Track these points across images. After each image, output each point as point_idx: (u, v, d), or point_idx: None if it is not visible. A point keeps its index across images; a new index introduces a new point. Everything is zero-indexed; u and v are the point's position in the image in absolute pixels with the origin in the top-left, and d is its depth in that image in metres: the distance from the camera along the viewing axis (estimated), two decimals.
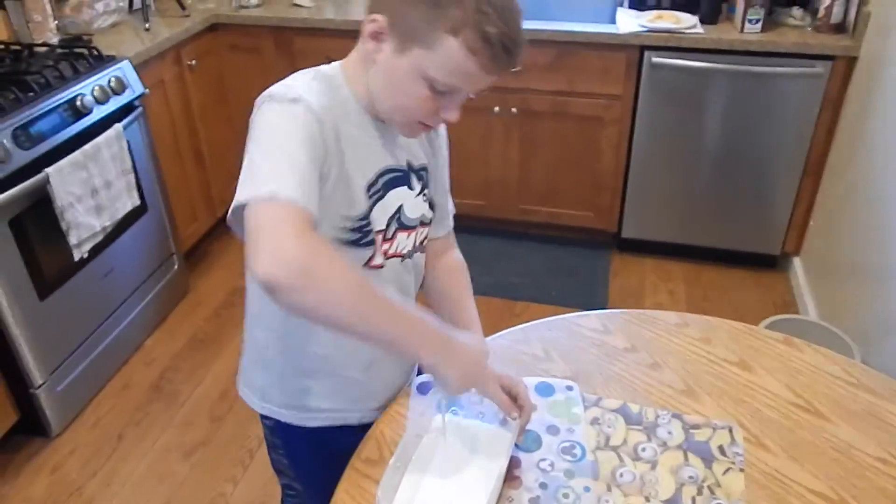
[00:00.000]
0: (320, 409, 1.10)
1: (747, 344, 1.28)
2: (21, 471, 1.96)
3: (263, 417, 1.17)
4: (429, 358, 0.90)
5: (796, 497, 0.99)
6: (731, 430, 1.10)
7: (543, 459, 1.04)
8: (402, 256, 1.07)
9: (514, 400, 1.03)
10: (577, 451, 1.05)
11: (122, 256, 2.20)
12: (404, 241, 1.06)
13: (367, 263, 1.00)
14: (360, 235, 0.97)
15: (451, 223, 1.21)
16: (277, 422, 1.13)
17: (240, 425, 2.08)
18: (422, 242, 1.11)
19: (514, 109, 2.52)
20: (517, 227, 2.83)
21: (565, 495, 0.99)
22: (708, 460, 1.05)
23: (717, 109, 2.42)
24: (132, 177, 2.10)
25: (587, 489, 0.99)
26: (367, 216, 0.97)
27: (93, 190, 1.94)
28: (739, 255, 2.69)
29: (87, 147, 1.90)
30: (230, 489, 1.90)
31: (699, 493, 1.00)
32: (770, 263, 2.69)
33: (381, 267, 1.03)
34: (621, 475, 1.03)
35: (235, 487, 1.90)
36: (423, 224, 1.09)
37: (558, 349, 1.27)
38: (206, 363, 2.30)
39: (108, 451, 2.02)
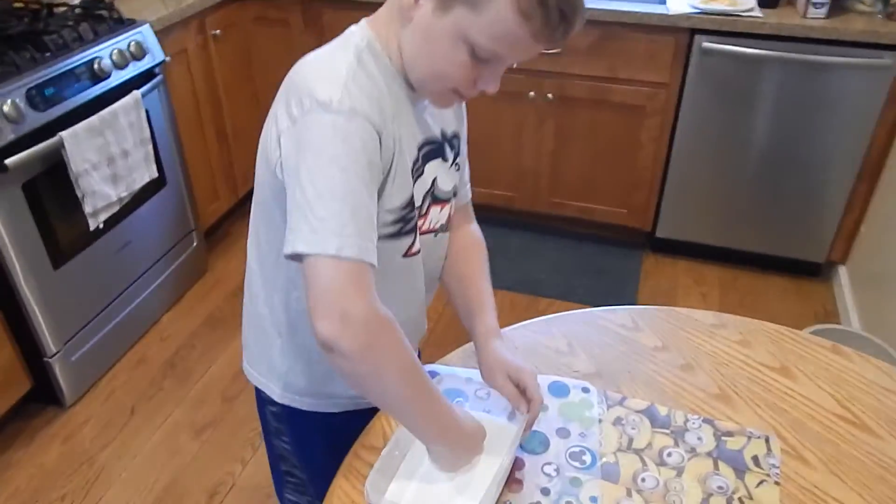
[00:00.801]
0: (343, 395, 1.04)
1: (790, 349, 1.18)
2: (34, 438, 1.95)
3: (269, 403, 1.11)
4: (438, 445, 0.91)
5: None
6: (767, 440, 1.01)
7: (549, 464, 0.96)
8: (435, 231, 1.00)
9: (523, 393, 0.96)
10: (587, 457, 0.97)
11: (140, 230, 2.17)
12: (437, 216, 0.99)
13: (406, 253, 0.94)
14: (403, 224, 0.91)
15: (469, 193, 1.13)
16: (286, 407, 1.07)
17: (252, 407, 2.01)
18: (451, 215, 1.04)
19: (549, 95, 2.42)
20: (546, 221, 2.75)
21: (568, 503, 0.91)
22: (740, 470, 0.96)
23: (769, 103, 2.28)
24: (150, 147, 2.07)
25: (594, 500, 0.91)
26: (411, 200, 0.90)
27: (109, 158, 1.91)
28: (780, 261, 2.56)
29: (104, 112, 1.87)
30: (238, 469, 1.86)
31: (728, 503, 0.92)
32: (812, 272, 2.57)
33: (418, 252, 0.96)
34: (643, 480, 0.95)
35: (244, 468, 1.86)
36: (454, 195, 1.03)
37: (583, 344, 1.19)
38: (222, 343, 2.27)
39: (121, 423, 1.99)
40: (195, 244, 2.46)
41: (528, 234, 2.76)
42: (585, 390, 1.09)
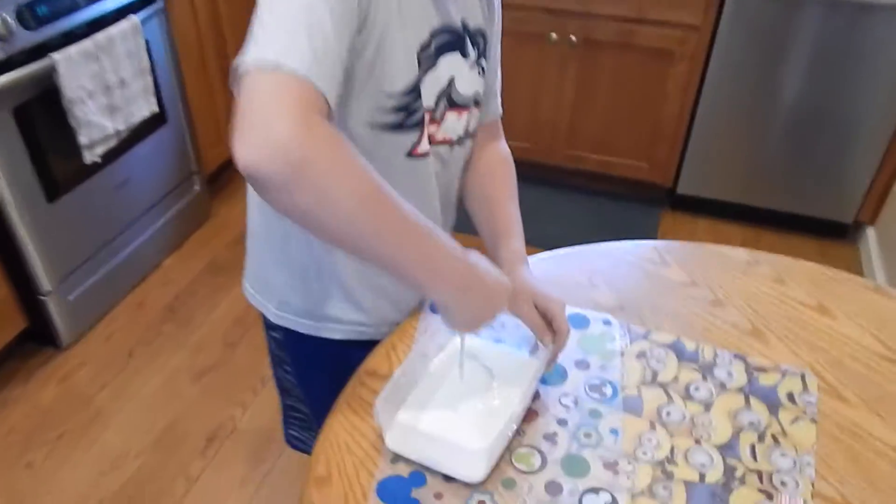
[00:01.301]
0: (343, 319, 0.97)
1: (829, 289, 1.10)
2: (31, 378, 1.90)
3: (271, 329, 1.04)
4: (439, 294, 0.74)
5: (876, 453, 0.83)
6: (803, 377, 0.93)
7: (566, 395, 0.89)
8: (451, 143, 0.91)
9: (549, 324, 0.88)
10: (608, 390, 0.90)
11: (139, 168, 2.09)
12: (454, 124, 0.89)
13: (411, 152, 0.84)
14: (405, 115, 0.80)
15: (500, 109, 1.04)
16: (287, 333, 1.00)
17: (253, 352, 1.98)
18: (473, 127, 0.95)
19: (573, 37, 2.30)
20: (562, 177, 2.65)
21: (587, 435, 0.84)
22: (774, 406, 0.89)
23: (806, 50, 2.15)
24: (150, 79, 1.98)
25: (614, 432, 0.84)
26: (415, 88, 0.79)
27: (105, 87, 1.82)
28: (805, 220, 2.46)
29: (99, 36, 1.77)
30: (239, 413, 1.80)
31: (760, 440, 0.84)
32: (839, 233, 2.46)
33: (425, 156, 0.87)
34: (668, 414, 0.87)
35: (245, 412, 1.81)
36: (476, 104, 0.93)
37: (606, 278, 1.10)
38: (223, 289, 2.20)
39: (119, 366, 1.94)
40: (197, 188, 2.38)
41: (543, 189, 2.66)
42: (607, 323, 1.01)
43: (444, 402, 0.84)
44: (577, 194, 2.65)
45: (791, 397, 0.90)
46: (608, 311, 1.03)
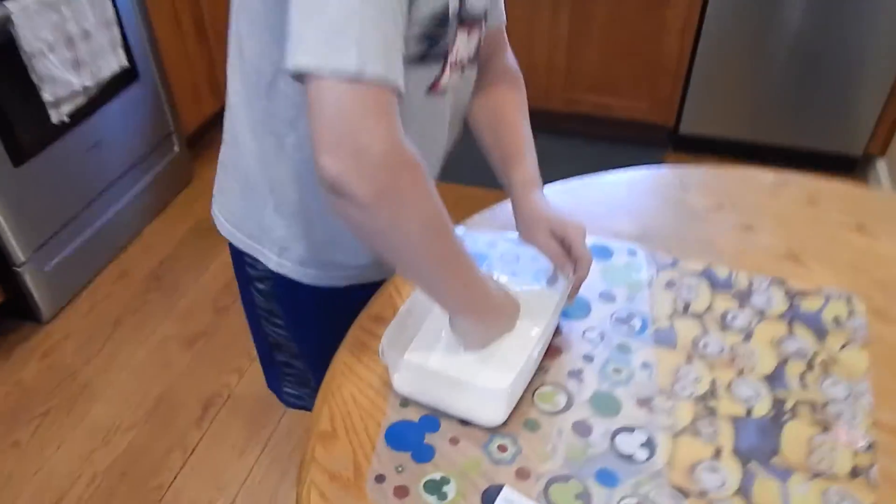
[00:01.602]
0: (348, 264, 0.88)
1: (866, 207, 1.01)
2: (11, 354, 1.80)
3: (256, 280, 0.94)
4: (463, 320, 0.76)
5: None
6: (849, 300, 0.85)
7: (591, 329, 0.80)
8: (463, 66, 0.80)
9: (568, 252, 0.78)
10: (637, 322, 0.81)
11: (112, 128, 1.97)
12: (465, 44, 0.78)
13: (432, 87, 0.74)
14: (430, 45, 0.70)
15: (503, 15, 0.92)
16: (278, 283, 0.90)
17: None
18: (481, 46, 0.84)
19: None
20: (560, 121, 2.53)
21: (616, 371, 0.75)
22: (820, 332, 0.80)
23: None
24: (117, 31, 1.84)
25: (647, 366, 0.76)
26: (445, 11, 0.68)
27: (68, 39, 1.69)
28: (813, 155, 2.37)
29: None
30: (234, 380, 1.72)
31: (809, 368, 0.76)
32: (848, 167, 2.37)
33: (444, 93, 0.77)
34: (705, 346, 0.79)
35: (240, 379, 1.72)
36: (485, 17, 0.81)
37: (624, 206, 1.01)
38: (210, 253, 2.09)
39: (104, 338, 1.84)
40: (176, 149, 2.26)
41: (539, 136, 2.52)
42: (632, 252, 0.92)
43: (454, 340, 0.76)
44: (575, 140, 2.54)
45: (838, 322, 0.82)
46: (631, 240, 0.94)
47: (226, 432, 1.60)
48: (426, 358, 0.74)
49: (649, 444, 0.68)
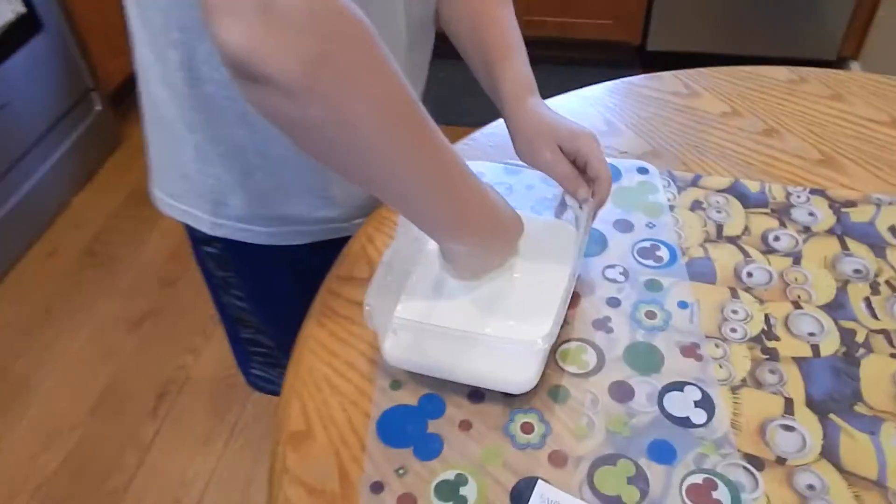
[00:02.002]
0: (306, 217, 0.71)
1: None
2: None
3: (202, 243, 0.77)
4: (458, 244, 0.57)
5: None
6: None
7: (611, 266, 0.66)
8: None
9: (583, 171, 0.63)
10: (663, 252, 0.67)
11: (17, 87, 1.72)
12: None
13: None
14: None
15: None
16: (229, 245, 0.74)
17: (198, 288, 1.67)
18: None
19: None
20: None
21: (650, 315, 0.61)
22: (878, 246, 0.67)
23: None
24: None
25: (684, 305, 0.61)
26: None
27: None
28: (786, 62, 2.24)
29: None
30: (191, 361, 1.54)
31: (874, 291, 0.63)
32: None
33: None
34: (749, 275, 0.65)
35: (198, 358, 1.55)
36: None
37: (625, 119, 0.86)
38: (151, 221, 1.88)
39: (35, 327, 1.64)
40: (98, 108, 2.01)
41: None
42: (643, 171, 0.77)
43: (456, 288, 0.60)
44: (541, 66, 2.35)
45: (895, 231, 0.69)
46: (640, 158, 0.79)
47: (186, 421, 1.43)
48: (425, 312, 0.58)
49: (705, 403, 0.55)
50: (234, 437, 1.39)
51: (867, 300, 0.62)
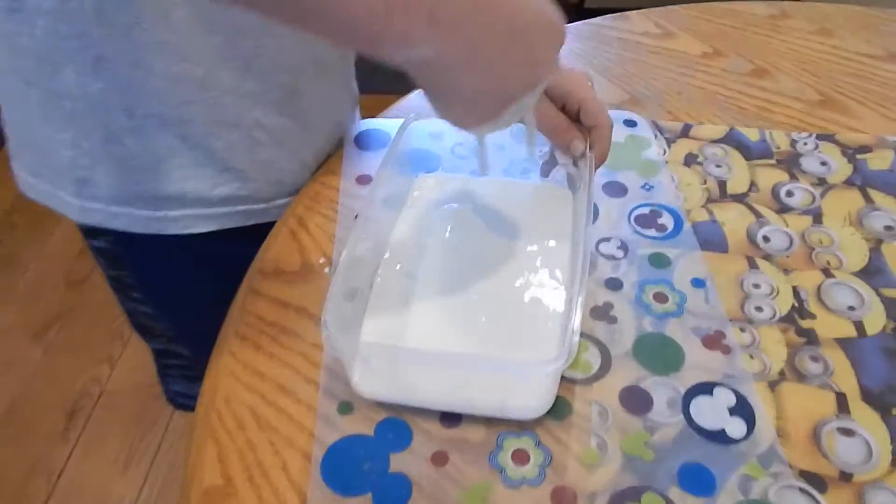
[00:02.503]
0: (198, 197, 0.55)
1: (889, 32, 0.79)
2: None
3: (88, 236, 0.62)
4: (422, 44, 0.32)
5: None
6: None
7: (605, 240, 0.53)
8: None
9: (575, 120, 0.50)
10: (666, 220, 0.55)
11: None
12: None
13: None
14: None
15: None
16: (118, 238, 0.58)
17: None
18: None
19: None
20: None
21: (659, 297, 0.49)
22: None
23: None
24: None
25: (700, 284, 0.50)
26: None
27: None
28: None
29: None
30: (106, 371, 1.36)
31: None
32: None
33: None
34: (766, 239, 0.54)
35: (114, 369, 1.37)
36: None
37: (595, 64, 0.74)
38: (54, 214, 1.65)
39: None
40: None
41: None
42: (630, 123, 0.64)
43: (438, 289, 0.46)
44: None
45: None
46: (618, 107, 0.67)
47: (103, 442, 1.25)
48: (400, 330, 0.44)
49: (742, 409, 0.43)
50: (160, 456, 1.22)
51: None
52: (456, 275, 0.47)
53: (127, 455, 1.22)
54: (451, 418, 0.42)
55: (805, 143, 0.63)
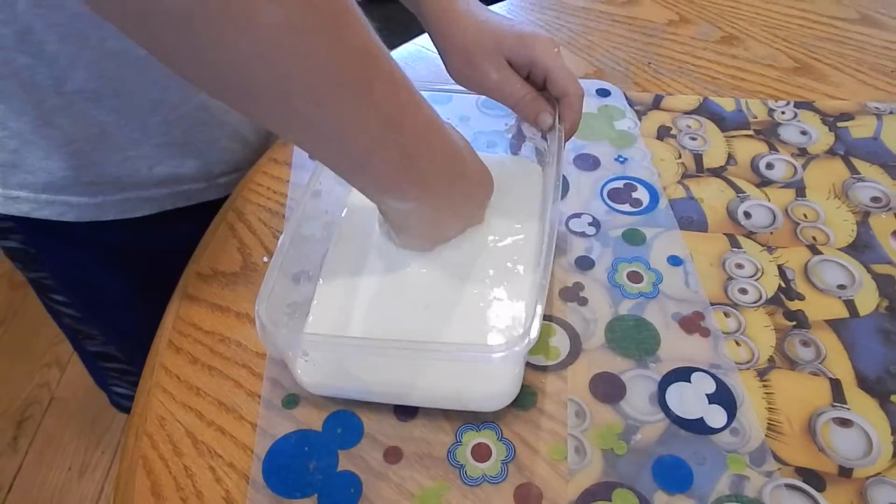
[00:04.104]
0: (145, 179, 0.52)
1: None
2: None
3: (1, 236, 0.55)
4: (395, 201, 0.39)
5: None
6: None
7: (576, 216, 0.49)
8: None
9: (542, 90, 0.46)
10: (641, 194, 0.51)
11: None
12: None
13: None
14: None
15: None
16: (28, 236, 0.54)
17: None
18: None
19: None
20: None
21: (634, 277, 0.45)
22: (891, 166, 0.54)
23: None
24: None
25: (678, 262, 0.46)
26: None
27: None
28: None
29: None
30: (55, 376, 1.29)
31: None
32: None
33: None
34: (747, 215, 0.50)
35: (62, 372, 1.29)
36: None
37: (556, 35, 0.69)
38: None
39: None
40: None
41: (389, 4, 2.14)
42: (603, 93, 0.60)
43: (389, 274, 0.42)
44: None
45: None
46: (584, 79, 0.63)
47: (55, 449, 1.18)
48: (348, 319, 0.40)
49: (722, 396, 0.39)
50: (117, 462, 1.16)
51: None
52: (410, 257, 0.42)
53: (82, 462, 1.15)
54: (405, 411, 0.39)
55: (783, 112, 0.59)
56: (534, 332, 0.32)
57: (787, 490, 0.36)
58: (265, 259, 0.46)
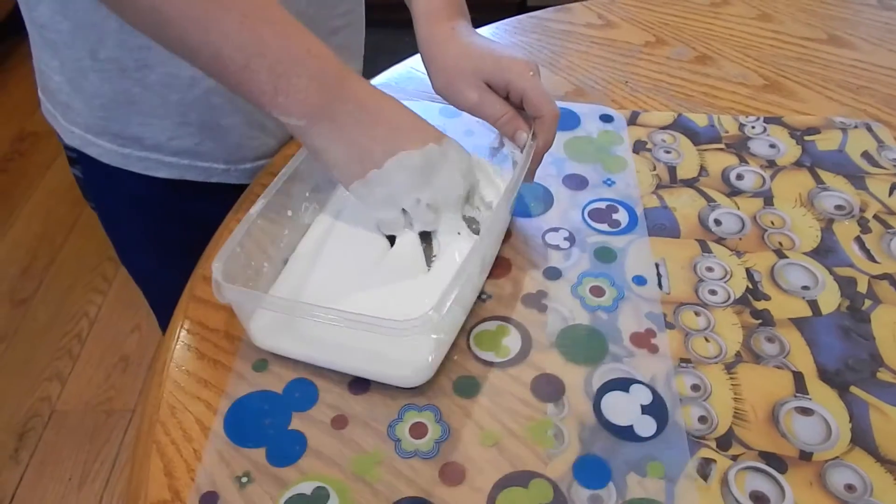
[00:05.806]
0: (159, 144, 0.57)
1: (829, 15, 0.80)
2: None
3: (71, 163, 0.63)
4: (324, 128, 0.42)
5: None
6: (869, 128, 0.63)
7: (553, 230, 0.53)
8: None
9: (518, 106, 0.50)
10: (621, 215, 0.54)
11: None
12: None
13: None
14: None
15: None
16: (89, 166, 0.60)
17: (57, 303, 1.45)
18: None
19: None
20: (398, 13, 2.18)
21: (596, 291, 0.48)
22: (855, 177, 0.58)
23: None
24: None
25: (640, 280, 0.49)
26: None
27: None
28: None
29: None
30: (55, 390, 1.31)
31: (864, 230, 0.54)
32: None
33: None
34: (718, 223, 0.54)
35: (63, 386, 1.31)
36: None
37: (538, 56, 0.73)
38: None
39: None
40: None
41: (379, 31, 2.19)
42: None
43: (347, 250, 0.48)
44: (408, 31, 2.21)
45: (870, 158, 0.60)
46: (564, 99, 0.66)
47: (55, 461, 1.20)
48: (298, 286, 0.45)
49: (656, 409, 0.41)
50: (116, 472, 1.18)
51: (859, 240, 0.53)
52: (364, 238, 0.47)
53: (81, 473, 1.17)
54: (359, 385, 0.43)
55: (753, 127, 0.63)
56: (442, 311, 0.37)
57: (750, 472, 0.39)
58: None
